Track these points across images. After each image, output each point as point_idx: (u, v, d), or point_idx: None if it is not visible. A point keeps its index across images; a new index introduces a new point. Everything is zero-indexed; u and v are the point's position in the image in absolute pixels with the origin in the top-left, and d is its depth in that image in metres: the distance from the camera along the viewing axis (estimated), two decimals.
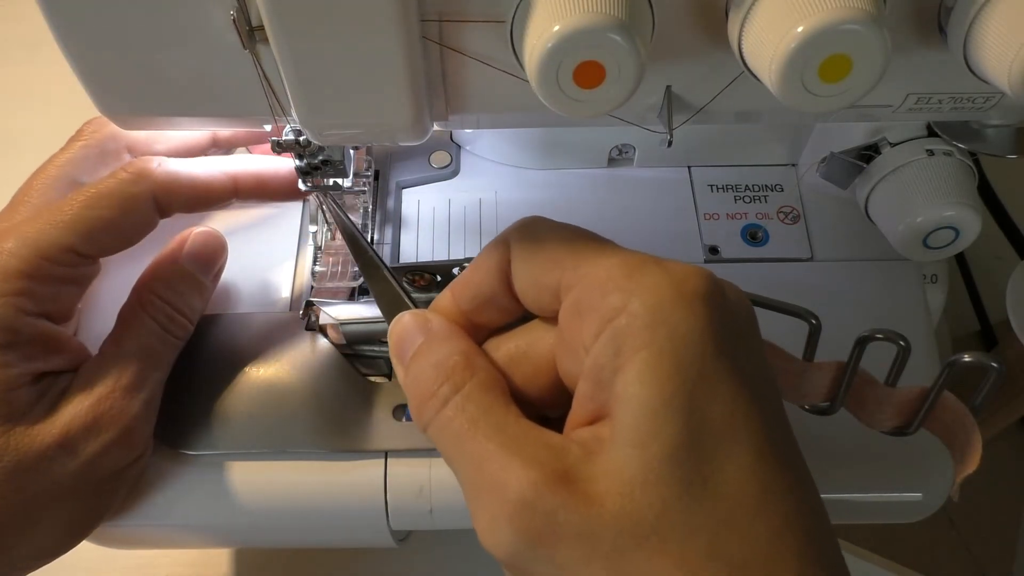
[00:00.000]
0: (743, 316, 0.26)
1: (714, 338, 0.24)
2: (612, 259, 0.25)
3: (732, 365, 0.24)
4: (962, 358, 0.29)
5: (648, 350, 0.23)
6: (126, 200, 0.35)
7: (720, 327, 0.24)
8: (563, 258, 0.26)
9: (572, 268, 0.26)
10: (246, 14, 0.27)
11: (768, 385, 0.26)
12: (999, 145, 0.38)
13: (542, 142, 0.45)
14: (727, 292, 0.26)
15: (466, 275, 0.29)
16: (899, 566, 0.43)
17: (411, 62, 0.27)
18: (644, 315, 0.24)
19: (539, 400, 0.28)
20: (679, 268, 0.25)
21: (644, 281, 0.24)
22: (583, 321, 0.25)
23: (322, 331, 0.38)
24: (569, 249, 0.26)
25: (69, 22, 0.27)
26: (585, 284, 0.25)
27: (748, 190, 0.45)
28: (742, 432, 0.23)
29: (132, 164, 0.36)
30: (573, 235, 0.27)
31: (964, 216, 0.37)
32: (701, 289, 0.25)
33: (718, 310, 0.24)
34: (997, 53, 0.24)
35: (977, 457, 0.29)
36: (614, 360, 0.24)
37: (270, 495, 0.36)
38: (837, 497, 0.37)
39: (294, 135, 0.34)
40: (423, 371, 0.27)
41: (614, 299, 0.24)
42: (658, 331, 0.24)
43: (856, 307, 0.41)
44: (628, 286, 0.24)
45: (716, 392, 0.23)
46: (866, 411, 0.33)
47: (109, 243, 0.35)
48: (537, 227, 0.28)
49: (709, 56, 0.28)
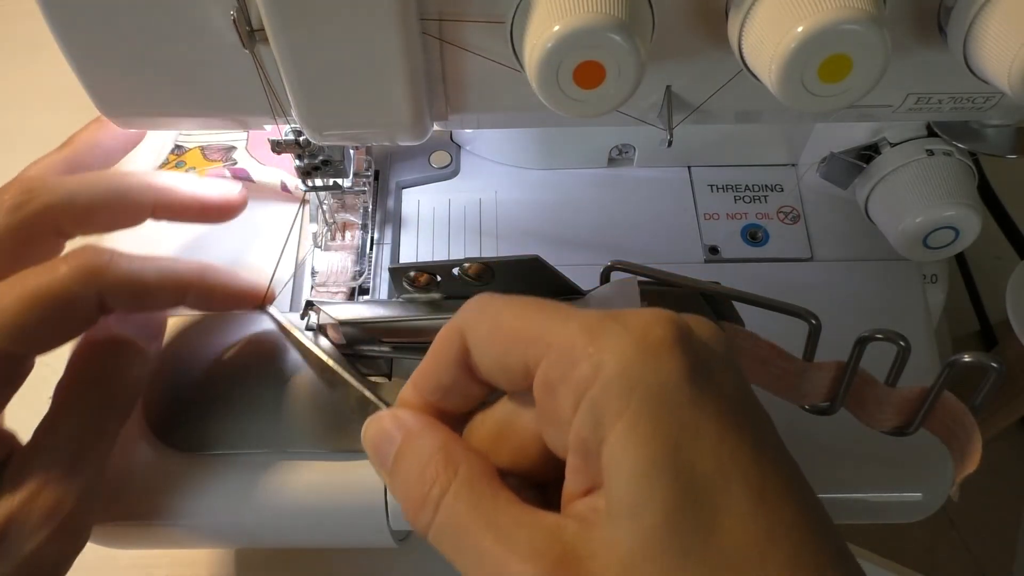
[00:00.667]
0: (714, 348, 0.26)
1: (689, 383, 0.24)
2: (572, 326, 0.25)
3: (713, 406, 0.24)
4: (962, 358, 0.29)
5: (626, 417, 0.23)
6: (68, 303, 0.31)
7: (691, 370, 0.24)
8: (523, 334, 0.26)
9: (534, 343, 0.25)
10: (246, 14, 0.27)
11: (753, 410, 0.25)
12: (999, 145, 0.38)
13: (542, 142, 0.45)
14: (693, 329, 0.26)
15: (425, 366, 0.28)
16: (899, 566, 0.43)
17: (411, 62, 0.27)
18: (615, 380, 0.23)
19: (531, 471, 0.27)
20: (639, 320, 0.25)
21: (607, 344, 0.24)
22: (557, 394, 0.25)
23: (322, 331, 0.38)
24: (527, 324, 0.26)
25: (69, 22, 0.27)
26: (551, 357, 0.25)
27: (748, 190, 0.45)
28: (735, 477, 0.23)
29: (80, 256, 0.32)
30: (526, 308, 0.26)
31: (964, 216, 0.37)
32: (665, 337, 0.24)
33: (686, 352, 0.24)
34: (997, 53, 0.24)
35: (977, 457, 0.29)
36: (596, 432, 0.24)
37: (270, 495, 0.36)
38: (837, 497, 0.37)
39: (294, 135, 0.34)
40: (409, 476, 0.27)
41: (583, 369, 0.24)
42: (632, 395, 0.23)
43: (856, 307, 0.41)
44: (594, 353, 0.24)
45: (701, 442, 0.23)
46: (866, 411, 0.33)
47: (46, 344, 0.32)
48: (488, 307, 0.27)
49: (709, 56, 0.28)
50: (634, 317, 0.25)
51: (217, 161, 0.44)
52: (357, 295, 0.41)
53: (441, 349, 0.28)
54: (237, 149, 0.45)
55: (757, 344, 0.33)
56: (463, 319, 0.27)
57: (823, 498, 0.36)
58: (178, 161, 0.45)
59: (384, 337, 0.37)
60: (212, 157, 0.45)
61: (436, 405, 0.28)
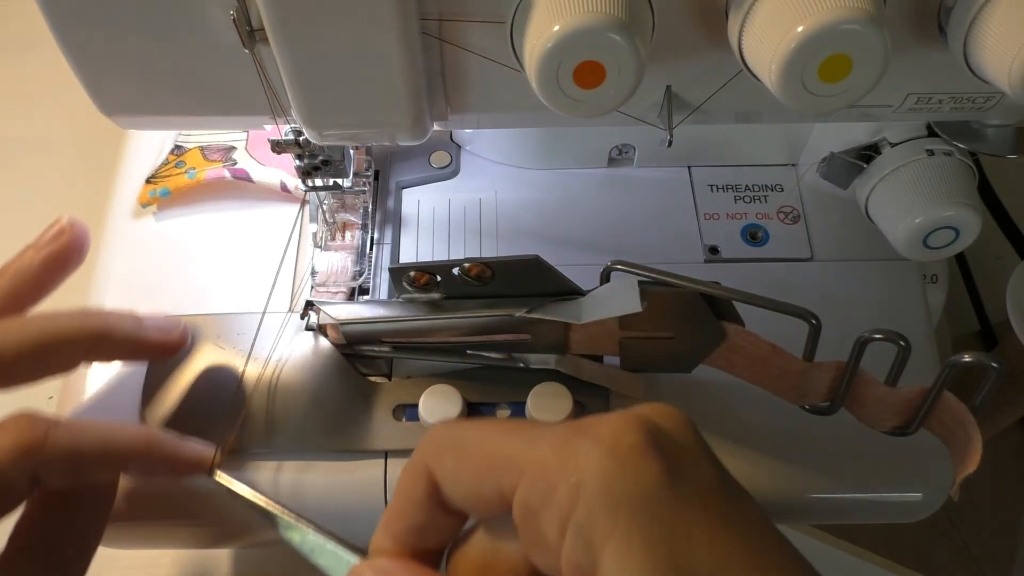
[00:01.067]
0: (683, 441, 0.26)
1: (669, 487, 0.24)
2: (541, 447, 0.25)
3: (697, 503, 0.24)
4: (962, 358, 0.29)
5: (616, 535, 0.23)
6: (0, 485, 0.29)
7: (668, 473, 0.24)
8: (493, 463, 0.25)
9: (506, 470, 0.25)
10: (246, 14, 0.27)
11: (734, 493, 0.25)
12: (999, 145, 0.38)
13: (542, 142, 0.45)
14: (659, 424, 0.25)
15: (395, 509, 0.28)
16: (899, 566, 0.43)
17: (411, 62, 0.27)
18: (598, 499, 0.23)
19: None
20: (607, 430, 0.25)
21: (582, 462, 0.24)
22: (540, 521, 0.24)
23: (322, 331, 0.38)
24: (494, 451, 0.26)
25: (68, 21, 0.27)
26: (526, 483, 0.25)
27: (748, 190, 0.45)
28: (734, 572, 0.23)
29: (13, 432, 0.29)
30: (490, 433, 0.26)
31: (964, 216, 0.37)
32: (636, 443, 0.24)
33: (660, 454, 0.24)
34: (997, 53, 0.24)
35: (977, 457, 0.29)
36: (588, 555, 0.23)
37: (270, 495, 0.36)
38: (837, 497, 0.37)
39: (294, 135, 0.34)
40: None
41: (562, 493, 0.24)
42: (618, 511, 0.23)
43: (856, 307, 0.41)
44: (571, 473, 0.24)
45: (695, 544, 0.23)
46: (866, 411, 0.33)
47: None
48: (450, 439, 0.27)
49: (709, 56, 0.28)
50: (601, 427, 0.25)
51: (217, 161, 0.44)
52: (357, 295, 0.41)
53: (409, 489, 0.27)
54: (237, 149, 0.45)
55: (757, 344, 0.33)
56: (427, 455, 0.27)
57: (823, 498, 0.36)
58: (178, 161, 0.45)
59: (384, 337, 0.37)
60: (212, 157, 0.45)
61: (413, 546, 0.28)
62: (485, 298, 0.36)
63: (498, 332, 0.36)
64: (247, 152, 0.45)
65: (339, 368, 0.38)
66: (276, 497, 0.35)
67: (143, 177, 0.44)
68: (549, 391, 0.36)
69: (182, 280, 0.42)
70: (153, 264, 0.42)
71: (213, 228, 0.43)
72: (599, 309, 0.33)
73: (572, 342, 0.36)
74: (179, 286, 0.41)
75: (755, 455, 0.36)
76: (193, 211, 0.44)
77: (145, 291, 0.41)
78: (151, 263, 0.42)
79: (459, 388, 0.37)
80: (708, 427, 0.37)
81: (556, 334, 0.36)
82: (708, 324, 0.33)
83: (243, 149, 0.45)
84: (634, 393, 0.37)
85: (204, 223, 0.43)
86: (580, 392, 0.36)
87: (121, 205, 0.44)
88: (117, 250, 0.43)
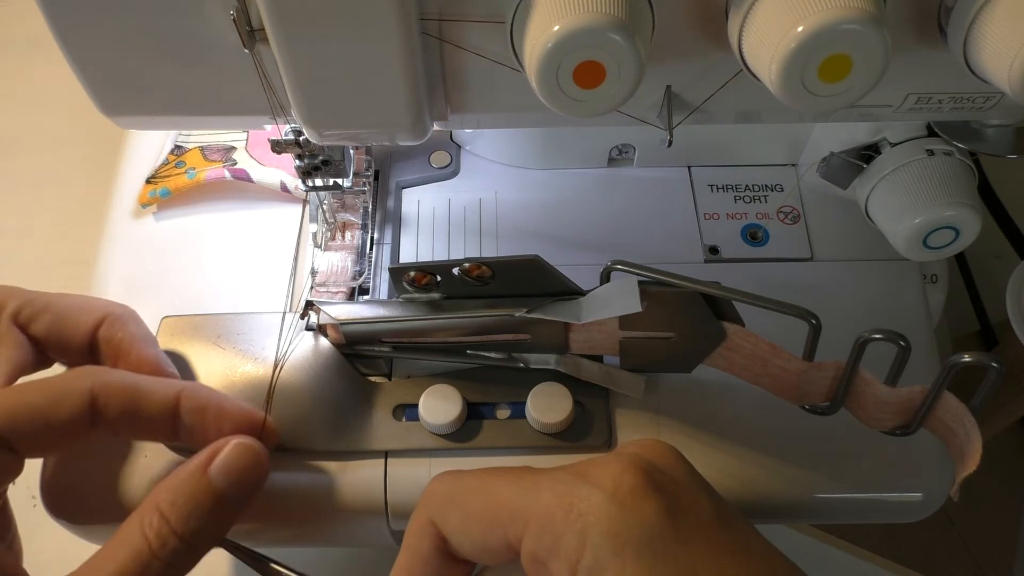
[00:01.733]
0: (677, 476, 0.26)
1: (671, 525, 0.24)
2: (544, 496, 0.26)
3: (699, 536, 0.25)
4: (962, 358, 0.29)
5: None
6: (59, 391, 0.30)
7: (668, 510, 0.25)
8: (498, 516, 0.26)
9: (512, 521, 0.26)
10: (246, 14, 0.27)
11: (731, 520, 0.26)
12: (999, 145, 0.37)
13: (542, 142, 0.45)
14: (655, 463, 0.26)
15: (402, 565, 0.28)
16: (899, 566, 0.43)
17: (411, 62, 0.27)
18: (604, 544, 0.24)
19: None
20: (606, 474, 0.25)
21: (584, 509, 0.25)
22: (550, 568, 0.25)
23: (322, 331, 0.38)
24: (498, 503, 0.26)
25: (69, 22, 0.27)
26: (532, 532, 0.25)
27: (748, 190, 0.45)
28: None
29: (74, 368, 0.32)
30: (492, 484, 0.27)
31: (964, 216, 0.37)
32: (635, 484, 0.25)
33: (659, 492, 0.25)
34: (997, 53, 0.24)
35: (977, 457, 0.29)
36: None
37: (270, 495, 0.36)
38: (837, 497, 0.37)
39: (294, 135, 0.34)
40: None
41: (569, 541, 0.24)
42: (625, 553, 0.24)
43: (856, 307, 0.41)
44: (574, 523, 0.25)
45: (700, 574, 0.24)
46: (866, 411, 0.33)
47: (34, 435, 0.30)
48: (453, 492, 0.27)
49: (709, 56, 0.28)
50: (600, 471, 0.26)
51: (217, 161, 0.44)
52: (357, 295, 0.41)
53: (416, 546, 0.28)
54: (237, 149, 0.45)
55: (757, 344, 0.33)
56: (430, 511, 0.28)
57: (823, 498, 0.36)
58: (178, 161, 0.45)
59: (384, 337, 0.37)
60: (212, 157, 0.45)
61: None
62: (485, 298, 0.36)
63: (498, 332, 0.36)
64: (247, 152, 0.45)
65: (339, 368, 0.38)
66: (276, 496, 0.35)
67: (143, 177, 0.44)
68: (549, 391, 0.36)
69: (182, 280, 0.42)
70: (153, 264, 0.42)
71: (213, 228, 0.43)
72: (599, 309, 0.33)
73: (572, 342, 0.36)
74: (179, 286, 0.41)
75: (755, 455, 0.36)
76: (193, 211, 0.44)
77: (145, 291, 0.41)
78: (151, 263, 0.42)
79: (459, 388, 0.37)
80: (708, 427, 0.37)
81: (556, 334, 0.36)
82: (708, 324, 0.33)
83: (243, 149, 0.45)
84: (634, 393, 0.37)
85: (204, 223, 0.43)
86: (580, 392, 0.36)
87: (121, 205, 0.44)
88: (117, 250, 0.43)
